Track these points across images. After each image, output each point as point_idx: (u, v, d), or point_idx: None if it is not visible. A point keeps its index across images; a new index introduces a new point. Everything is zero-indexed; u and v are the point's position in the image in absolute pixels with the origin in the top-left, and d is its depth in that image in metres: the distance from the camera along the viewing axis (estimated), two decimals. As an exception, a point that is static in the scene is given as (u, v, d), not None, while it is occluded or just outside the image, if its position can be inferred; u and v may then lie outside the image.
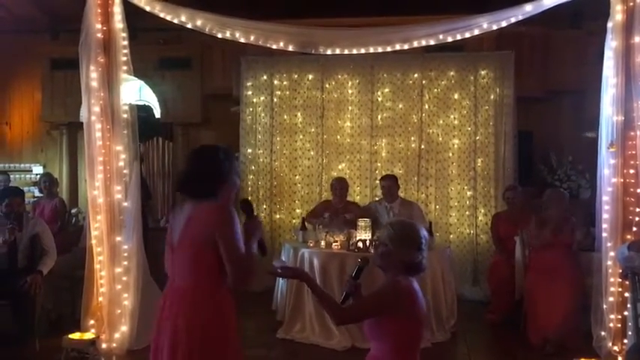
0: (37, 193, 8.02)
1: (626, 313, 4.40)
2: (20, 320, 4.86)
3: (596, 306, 4.65)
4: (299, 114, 7.52)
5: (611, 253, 4.45)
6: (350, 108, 7.44)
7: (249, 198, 7.54)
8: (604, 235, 4.52)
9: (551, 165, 7.56)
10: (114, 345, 4.71)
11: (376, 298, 2.58)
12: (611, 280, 4.49)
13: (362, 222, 5.38)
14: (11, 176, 7.88)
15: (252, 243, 2.64)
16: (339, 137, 7.48)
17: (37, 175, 8.49)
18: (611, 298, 4.50)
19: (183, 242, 2.59)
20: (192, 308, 2.55)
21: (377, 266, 2.61)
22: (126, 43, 4.73)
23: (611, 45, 4.42)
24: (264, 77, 7.54)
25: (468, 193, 7.20)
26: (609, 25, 4.44)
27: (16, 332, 4.89)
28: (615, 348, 4.47)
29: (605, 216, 4.49)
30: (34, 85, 8.79)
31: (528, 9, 4.51)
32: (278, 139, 7.55)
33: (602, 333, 4.58)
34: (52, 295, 5.42)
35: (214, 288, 2.58)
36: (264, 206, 7.59)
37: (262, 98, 7.56)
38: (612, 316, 4.49)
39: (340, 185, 6.37)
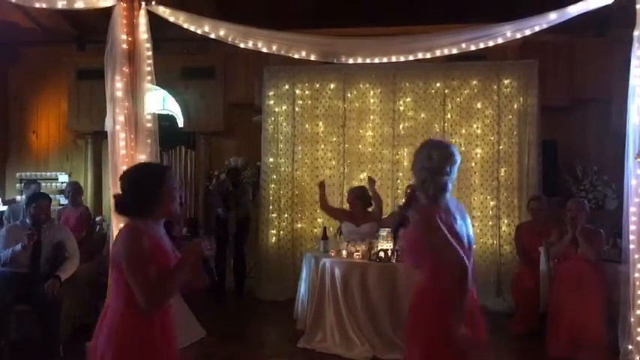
0: (62, 201, 8.14)
1: (654, 326, 4.30)
2: (44, 326, 4.91)
3: (623, 319, 4.55)
4: (320, 123, 7.54)
5: (639, 265, 4.36)
6: (372, 117, 7.44)
7: (270, 207, 7.56)
8: (631, 246, 4.42)
9: (576, 175, 7.45)
10: (136, 352, 4.74)
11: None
12: (639, 292, 4.39)
13: (383, 231, 5.35)
14: (40, 184, 8.00)
15: (183, 265, 2.52)
16: (360, 147, 7.47)
17: (62, 183, 8.62)
18: (638, 311, 4.39)
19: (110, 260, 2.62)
20: (110, 321, 2.53)
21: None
22: (150, 53, 4.79)
23: (638, 53, 4.35)
24: (286, 87, 7.57)
25: (491, 203, 7.13)
26: (635, 33, 4.37)
27: (40, 338, 4.94)
28: (643, 362, 4.37)
29: (632, 227, 4.40)
30: (61, 94, 8.95)
31: (553, 17, 4.46)
32: (299, 148, 7.57)
33: (630, 347, 4.47)
34: (76, 302, 5.48)
35: (129, 303, 2.47)
36: (286, 215, 7.60)
37: (284, 107, 7.59)
38: (640, 330, 4.38)
39: (353, 195, 6.04)
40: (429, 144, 2.82)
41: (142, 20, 4.71)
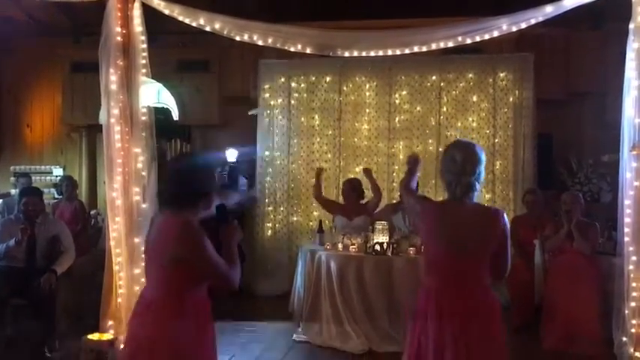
0: (56, 195, 8.11)
1: (648, 318, 4.32)
2: (40, 320, 4.91)
3: (617, 311, 4.57)
4: (316, 116, 7.53)
5: (633, 258, 4.37)
6: (367, 110, 7.44)
7: (266, 200, 7.56)
8: (626, 239, 4.44)
9: (571, 168, 7.47)
10: (132, 346, 4.74)
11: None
12: (633, 285, 4.41)
13: (379, 225, 5.37)
14: (32, 178, 7.99)
15: (233, 248, 2.58)
16: (356, 140, 7.47)
17: (57, 176, 8.59)
18: (632, 303, 4.41)
19: (152, 255, 2.56)
20: (155, 321, 2.49)
21: None
22: (145, 46, 4.77)
23: (633, 47, 4.35)
24: (282, 80, 7.56)
25: (487, 196, 7.15)
26: (631, 26, 4.37)
27: (36, 332, 4.94)
28: (637, 354, 4.38)
29: (627, 220, 4.42)
30: (55, 88, 8.91)
31: (549, 10, 4.46)
32: (295, 141, 7.56)
33: (624, 339, 4.49)
34: (72, 296, 5.48)
35: (179, 303, 2.49)
36: (282, 208, 7.60)
37: (280, 101, 7.58)
38: (634, 322, 4.40)
39: (349, 187, 6.10)
40: (452, 146, 2.85)
41: (137, 12, 4.68)
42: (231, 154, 7.51)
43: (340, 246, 5.46)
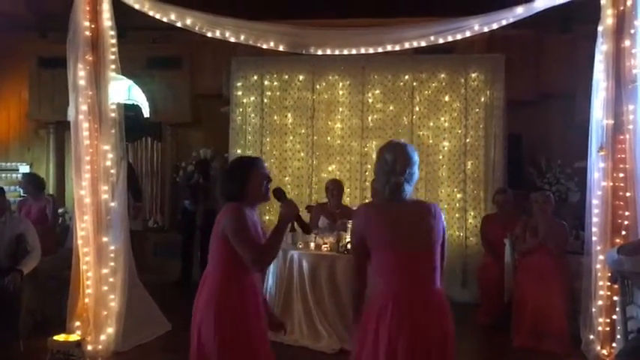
0: (23, 193, 7.92)
1: (614, 316, 4.40)
2: (4, 320, 4.77)
3: (585, 309, 4.65)
4: (289, 115, 7.49)
5: (601, 257, 4.46)
6: (340, 109, 7.42)
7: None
8: (593, 238, 4.53)
9: (540, 168, 7.58)
10: (99, 347, 4.66)
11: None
12: (600, 283, 4.50)
13: (351, 224, 5.35)
14: (-3, 175, 7.79)
15: (283, 227, 2.89)
16: (329, 139, 7.46)
17: (23, 174, 8.39)
18: (600, 302, 4.50)
19: (212, 236, 2.97)
20: (210, 288, 2.91)
21: None
22: (114, 41, 4.69)
23: (602, 49, 4.43)
24: (255, 77, 7.50)
25: (458, 196, 7.20)
26: (600, 28, 4.45)
27: (0, 333, 4.81)
28: (604, 352, 4.48)
29: (594, 219, 4.50)
30: (21, 83, 8.72)
31: (520, 11, 4.52)
32: (268, 139, 7.51)
33: (591, 337, 4.58)
34: (37, 296, 5.35)
35: (228, 273, 2.88)
36: (254, 207, 7.54)
37: (252, 99, 7.52)
38: (601, 320, 4.49)
39: (336, 187, 6.10)
40: (384, 147, 2.83)
41: (106, 7, 4.61)
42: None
43: (312, 245, 5.44)
